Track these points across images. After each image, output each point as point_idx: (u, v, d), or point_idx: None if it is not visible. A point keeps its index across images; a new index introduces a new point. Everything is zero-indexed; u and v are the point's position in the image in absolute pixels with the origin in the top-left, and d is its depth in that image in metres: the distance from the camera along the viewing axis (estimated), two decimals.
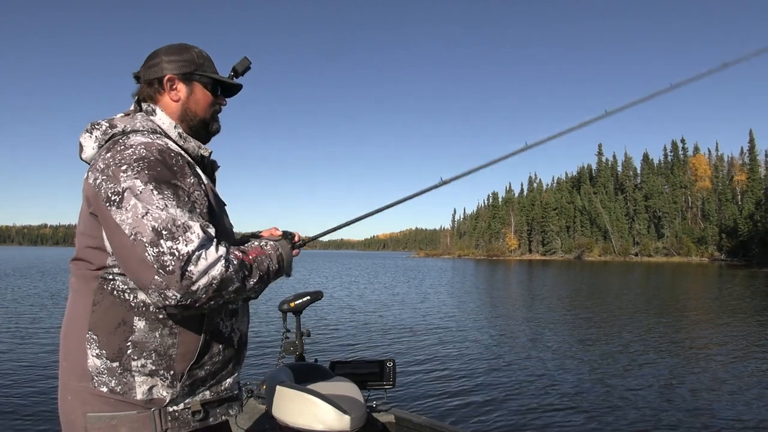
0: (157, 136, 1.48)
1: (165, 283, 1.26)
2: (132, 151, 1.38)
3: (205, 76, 1.63)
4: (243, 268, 1.40)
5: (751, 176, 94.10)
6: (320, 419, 2.02)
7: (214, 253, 1.32)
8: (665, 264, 78.58)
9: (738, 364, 9.13)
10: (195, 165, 1.52)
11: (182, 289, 1.27)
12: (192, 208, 1.38)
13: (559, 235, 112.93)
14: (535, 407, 6.62)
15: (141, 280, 1.30)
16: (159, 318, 1.40)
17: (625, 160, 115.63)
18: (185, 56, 1.62)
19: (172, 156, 1.42)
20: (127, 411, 1.38)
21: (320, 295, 2.97)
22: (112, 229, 1.34)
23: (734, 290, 26.63)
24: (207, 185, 1.53)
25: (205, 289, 1.30)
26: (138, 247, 1.28)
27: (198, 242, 1.30)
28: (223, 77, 1.68)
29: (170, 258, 1.27)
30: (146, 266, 1.27)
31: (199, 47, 1.68)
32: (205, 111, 1.64)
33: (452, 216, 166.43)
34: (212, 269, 1.30)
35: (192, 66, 1.62)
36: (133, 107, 1.62)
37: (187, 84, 1.61)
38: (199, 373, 1.46)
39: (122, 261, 1.35)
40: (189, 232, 1.30)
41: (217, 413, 1.53)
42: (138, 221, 1.29)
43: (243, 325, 1.62)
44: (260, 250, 1.52)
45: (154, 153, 1.39)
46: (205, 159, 1.64)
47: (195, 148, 1.59)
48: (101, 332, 1.40)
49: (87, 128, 1.53)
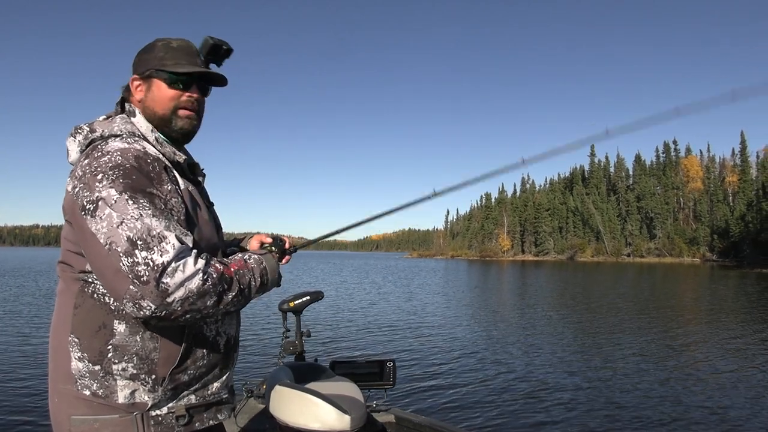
0: (135, 140, 1.44)
1: (140, 294, 1.24)
2: (108, 159, 1.35)
3: (162, 71, 1.53)
4: (222, 281, 1.35)
5: (743, 177, 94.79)
6: (320, 419, 2.01)
7: (192, 266, 1.29)
8: (657, 265, 78.98)
9: (730, 363, 9.19)
10: (173, 169, 1.49)
11: (156, 300, 1.24)
12: (169, 216, 1.35)
13: (551, 235, 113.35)
14: (535, 407, 6.65)
15: (116, 290, 1.28)
16: (139, 321, 1.37)
17: (617, 161, 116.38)
18: (147, 55, 1.56)
19: (149, 162, 1.39)
20: (110, 415, 1.37)
21: (320, 295, 2.96)
22: (87, 238, 1.31)
23: (726, 291, 26.83)
24: (185, 190, 1.49)
25: (181, 302, 1.27)
26: (113, 257, 1.26)
27: (173, 253, 1.27)
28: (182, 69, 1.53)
29: (144, 268, 1.24)
30: (121, 276, 1.25)
31: (174, 40, 1.58)
32: (163, 107, 1.54)
33: (445, 217, 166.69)
34: (189, 282, 1.27)
35: (151, 63, 1.54)
36: (115, 109, 1.59)
37: (146, 81, 1.56)
38: (183, 378, 1.44)
39: (97, 270, 1.33)
40: (164, 243, 1.28)
41: (204, 418, 1.50)
42: (113, 231, 1.27)
43: (231, 329, 1.58)
44: (243, 264, 1.46)
45: (130, 160, 1.36)
46: (183, 163, 1.56)
47: (171, 154, 1.53)
48: (83, 335, 1.38)
49: (71, 132, 1.50)
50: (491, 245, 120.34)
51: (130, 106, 1.57)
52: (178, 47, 1.56)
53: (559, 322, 14.87)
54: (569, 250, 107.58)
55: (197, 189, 1.60)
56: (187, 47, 1.58)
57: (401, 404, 5.76)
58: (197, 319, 1.36)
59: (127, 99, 1.59)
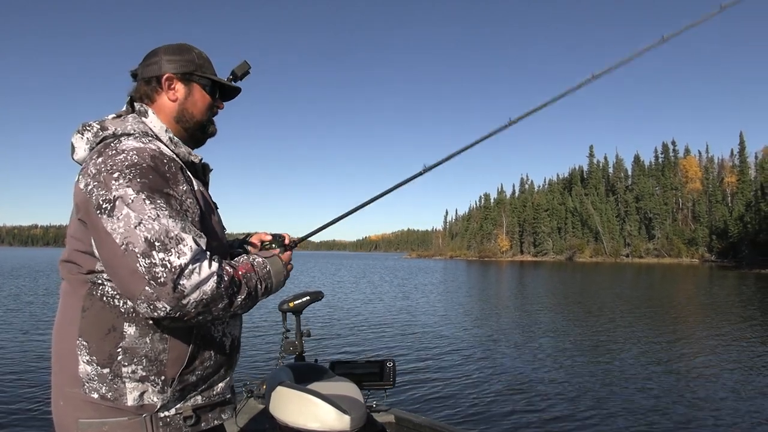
0: (149, 140, 1.45)
1: (156, 295, 1.24)
2: (124, 157, 1.35)
3: (204, 77, 1.60)
4: (233, 284, 1.37)
5: (741, 178, 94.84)
6: (320, 419, 2.01)
7: (207, 269, 1.30)
8: (656, 265, 79.02)
9: (727, 363, 9.20)
10: (186, 170, 1.50)
11: (172, 301, 1.25)
12: (184, 217, 1.36)
13: (550, 236, 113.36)
14: (535, 407, 6.67)
15: (130, 290, 1.28)
16: (149, 324, 1.38)
17: (616, 162, 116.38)
18: (186, 56, 1.59)
19: (165, 162, 1.40)
20: (119, 417, 1.37)
21: (320, 295, 2.95)
22: (102, 237, 1.31)
23: (724, 292, 26.86)
24: (198, 191, 1.50)
25: (196, 304, 1.28)
26: (129, 258, 1.26)
27: (190, 255, 1.28)
28: (223, 80, 1.65)
29: (162, 270, 1.25)
30: (137, 277, 1.25)
31: (198, 49, 1.65)
32: (202, 113, 1.61)
33: (444, 217, 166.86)
34: (204, 285, 1.29)
35: (192, 66, 1.59)
36: (125, 108, 1.59)
37: (186, 84, 1.59)
38: (191, 379, 1.45)
39: (111, 270, 1.33)
40: (182, 245, 1.28)
41: (209, 418, 1.51)
42: (130, 231, 1.27)
43: (235, 330, 1.60)
44: (250, 267, 1.48)
45: (147, 159, 1.36)
46: (198, 164, 1.60)
47: (186, 154, 1.55)
48: (91, 338, 1.38)
49: (78, 129, 1.50)
50: (490, 246, 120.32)
51: (141, 105, 1.57)
52: (208, 59, 1.65)
53: (559, 322, 14.89)
54: (568, 250, 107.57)
55: (206, 189, 1.63)
56: (210, 60, 1.67)
57: (401, 404, 5.76)
58: (207, 321, 1.38)
59: (136, 98, 1.59)
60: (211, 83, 1.63)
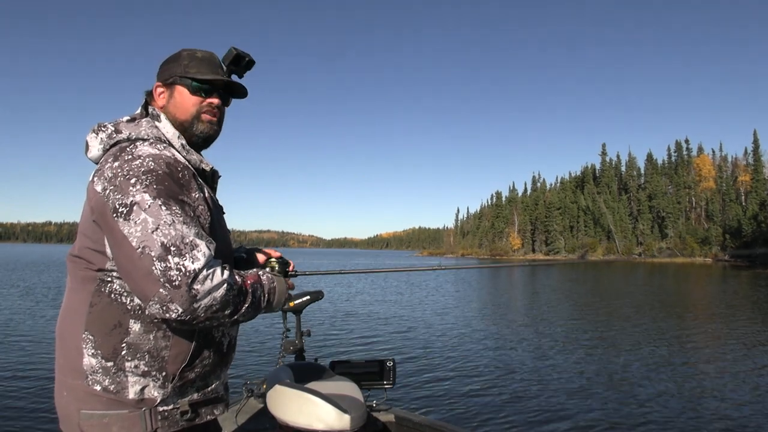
0: (164, 146, 1.50)
1: (170, 297, 1.29)
2: (140, 163, 1.39)
3: (186, 77, 1.60)
4: (240, 293, 1.44)
5: (755, 177, 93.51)
6: (320, 419, 2.03)
7: (220, 276, 1.36)
8: (669, 264, 78.22)
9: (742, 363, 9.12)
10: (198, 176, 1.54)
11: (185, 304, 1.30)
12: (197, 223, 1.41)
13: (562, 234, 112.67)
14: (536, 406, 6.64)
15: (144, 291, 1.32)
16: (154, 321, 1.43)
17: (628, 160, 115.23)
18: (171, 64, 1.63)
19: (179, 170, 1.44)
20: (119, 410, 1.42)
21: (321, 295, 2.96)
22: (118, 240, 1.35)
23: (738, 291, 26.57)
24: (209, 197, 1.55)
25: (206, 309, 1.33)
26: (145, 260, 1.31)
27: (204, 261, 1.34)
28: (207, 77, 1.60)
29: (177, 273, 1.30)
30: (152, 279, 1.30)
31: (196, 49, 1.65)
32: (185, 113, 1.61)
33: (455, 215, 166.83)
34: (216, 291, 1.34)
35: (175, 71, 1.61)
36: (139, 111, 1.63)
37: (168, 88, 1.62)
38: (190, 375, 1.50)
39: (126, 272, 1.37)
40: (196, 250, 1.33)
41: (203, 413, 1.56)
42: (147, 236, 1.32)
43: (233, 330, 1.65)
44: (257, 279, 1.54)
45: (162, 166, 1.40)
46: (209, 171, 1.64)
47: (197, 162, 1.59)
48: (97, 333, 1.42)
49: (93, 128, 1.55)
50: (501, 244, 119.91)
51: (155, 109, 1.62)
52: (203, 58, 1.64)
53: (565, 321, 14.80)
54: (580, 249, 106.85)
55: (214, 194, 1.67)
56: (211, 58, 1.65)
57: (401, 404, 5.77)
58: (213, 326, 1.44)
59: (150, 102, 1.64)
60: (199, 82, 1.61)
